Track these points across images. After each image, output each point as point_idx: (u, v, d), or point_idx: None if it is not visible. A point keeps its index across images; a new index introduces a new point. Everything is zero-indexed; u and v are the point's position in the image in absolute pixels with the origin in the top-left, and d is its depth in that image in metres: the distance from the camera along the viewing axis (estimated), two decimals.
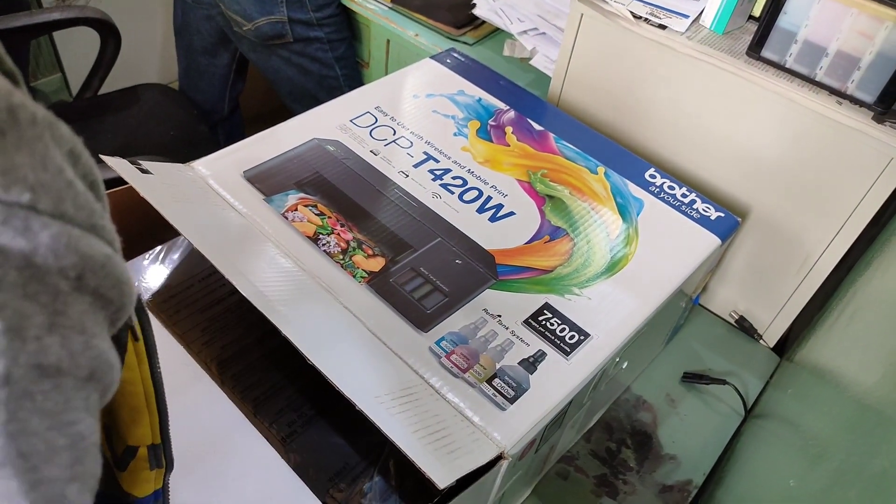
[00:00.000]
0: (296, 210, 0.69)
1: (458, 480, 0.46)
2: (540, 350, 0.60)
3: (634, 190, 0.78)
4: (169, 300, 0.70)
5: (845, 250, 0.79)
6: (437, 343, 0.59)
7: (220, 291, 0.72)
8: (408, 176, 0.76)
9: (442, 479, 0.45)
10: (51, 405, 0.24)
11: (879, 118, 0.71)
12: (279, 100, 1.37)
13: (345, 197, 0.72)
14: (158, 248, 0.73)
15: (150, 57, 1.76)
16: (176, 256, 0.74)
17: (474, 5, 1.15)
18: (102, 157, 0.63)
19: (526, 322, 0.62)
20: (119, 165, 0.62)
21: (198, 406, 0.59)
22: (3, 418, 0.22)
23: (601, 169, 0.80)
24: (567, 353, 0.60)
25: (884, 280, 0.66)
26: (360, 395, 0.49)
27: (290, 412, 0.63)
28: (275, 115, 0.89)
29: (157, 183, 0.63)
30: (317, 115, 0.83)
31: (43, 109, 0.25)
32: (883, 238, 0.77)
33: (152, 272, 0.73)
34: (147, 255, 0.73)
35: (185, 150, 1.24)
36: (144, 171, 0.64)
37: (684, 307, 0.85)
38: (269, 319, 0.52)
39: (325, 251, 0.65)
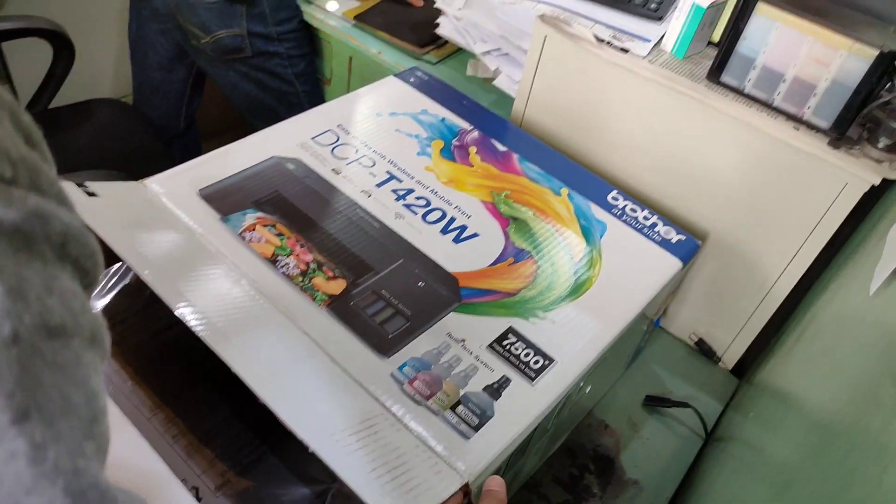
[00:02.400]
0: (253, 230, 0.67)
1: None
2: (504, 376, 0.59)
3: (597, 212, 0.78)
4: (112, 328, 0.67)
5: (802, 273, 0.80)
6: (400, 369, 0.57)
7: (166, 320, 0.69)
8: (370, 196, 0.75)
9: None
10: (62, 360, 0.24)
11: (835, 143, 0.72)
12: (236, 116, 1.35)
13: (305, 217, 0.70)
14: (111, 270, 0.70)
15: (102, 71, 1.70)
16: (124, 283, 0.70)
17: (438, 24, 1.15)
18: None
19: (490, 346, 0.61)
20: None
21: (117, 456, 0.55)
22: (17, 373, 0.23)
23: (564, 190, 0.80)
24: (532, 379, 0.59)
25: (843, 304, 0.67)
26: (314, 432, 0.47)
27: (239, 448, 0.60)
28: (232, 132, 0.86)
29: (103, 206, 0.61)
30: (277, 132, 0.81)
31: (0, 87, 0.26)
32: (839, 261, 0.78)
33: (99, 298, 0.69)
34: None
35: (139, 167, 1.20)
36: (91, 195, 0.61)
37: (646, 329, 0.85)
38: (215, 351, 0.49)
39: (283, 273, 0.63)
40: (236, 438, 0.60)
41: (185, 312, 0.53)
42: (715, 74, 0.77)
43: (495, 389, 0.57)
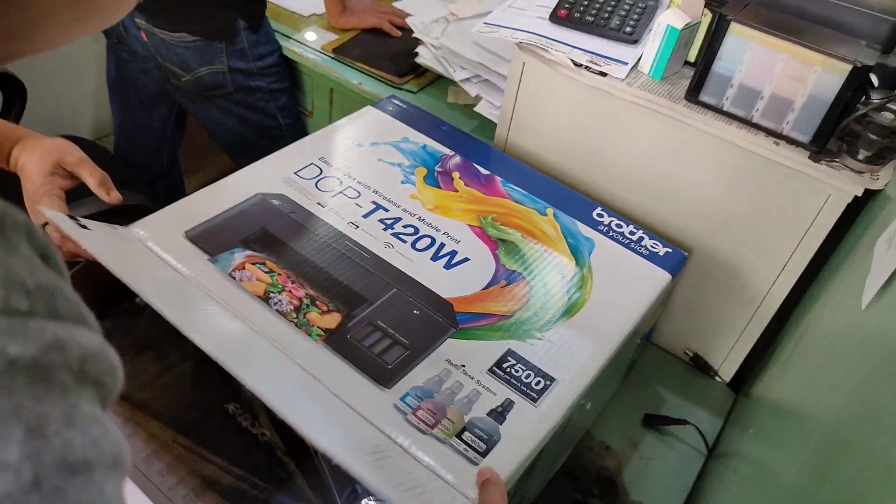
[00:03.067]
0: (243, 269, 0.66)
1: None
2: (507, 399, 0.58)
3: (584, 230, 0.79)
4: None
5: (792, 284, 0.81)
6: (402, 399, 0.56)
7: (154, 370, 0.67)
8: (358, 227, 0.75)
9: None
10: (85, 498, 0.23)
11: (815, 157, 0.73)
12: (218, 151, 1.34)
13: (294, 252, 0.70)
14: None
15: (81, 113, 1.70)
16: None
17: (417, 54, 1.16)
18: (41, 208, 0.60)
19: (491, 370, 0.61)
20: (60, 220, 0.59)
21: None
22: None
23: (550, 210, 0.81)
24: (535, 400, 0.59)
25: (835, 316, 0.68)
26: (336, 448, 0.46)
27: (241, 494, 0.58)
28: (214, 167, 0.86)
29: (100, 239, 0.60)
30: (260, 169, 0.81)
31: (13, 208, 0.25)
32: (828, 271, 0.79)
33: None
34: None
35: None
36: (83, 227, 0.60)
37: (639, 343, 0.85)
38: (234, 374, 0.49)
39: (277, 310, 0.62)
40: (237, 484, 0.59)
41: (196, 339, 0.52)
42: (693, 94, 0.79)
43: (500, 413, 0.57)
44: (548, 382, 0.61)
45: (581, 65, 0.83)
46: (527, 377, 0.61)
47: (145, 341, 0.67)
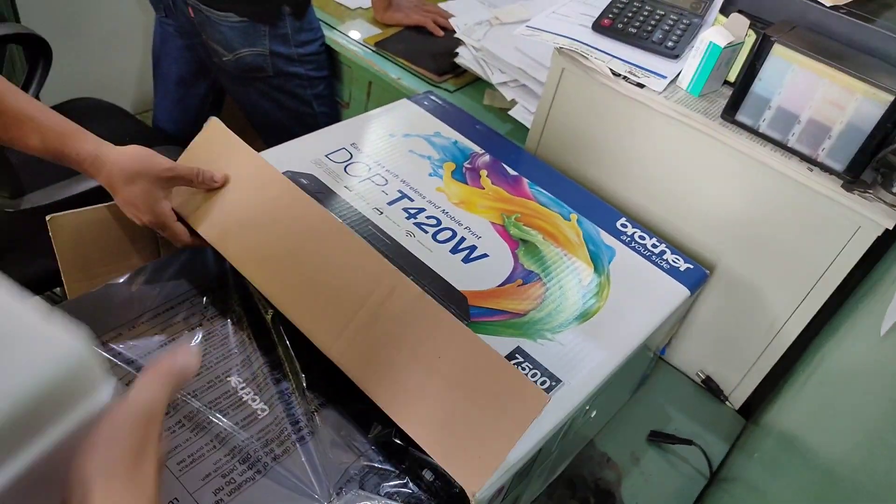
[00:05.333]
0: None
1: None
2: None
3: (606, 238, 0.78)
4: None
5: (812, 314, 0.80)
6: None
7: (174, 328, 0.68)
8: (382, 213, 0.75)
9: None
10: None
11: (848, 186, 0.72)
12: (252, 135, 1.36)
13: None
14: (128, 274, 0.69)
15: (125, 84, 1.73)
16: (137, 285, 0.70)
17: (457, 54, 1.17)
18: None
19: None
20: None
21: None
22: None
23: (574, 216, 0.80)
24: None
25: (853, 348, 0.66)
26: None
27: (217, 477, 0.57)
28: None
29: None
30: (291, 148, 0.82)
31: None
32: (849, 306, 0.78)
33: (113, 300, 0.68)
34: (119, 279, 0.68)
35: None
36: None
37: (652, 357, 0.84)
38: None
39: None
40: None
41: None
42: (730, 113, 0.78)
43: None
44: (553, 383, 0.60)
45: (619, 74, 0.83)
46: (533, 376, 0.60)
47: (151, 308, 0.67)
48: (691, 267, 0.77)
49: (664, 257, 0.77)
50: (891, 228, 0.70)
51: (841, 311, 0.80)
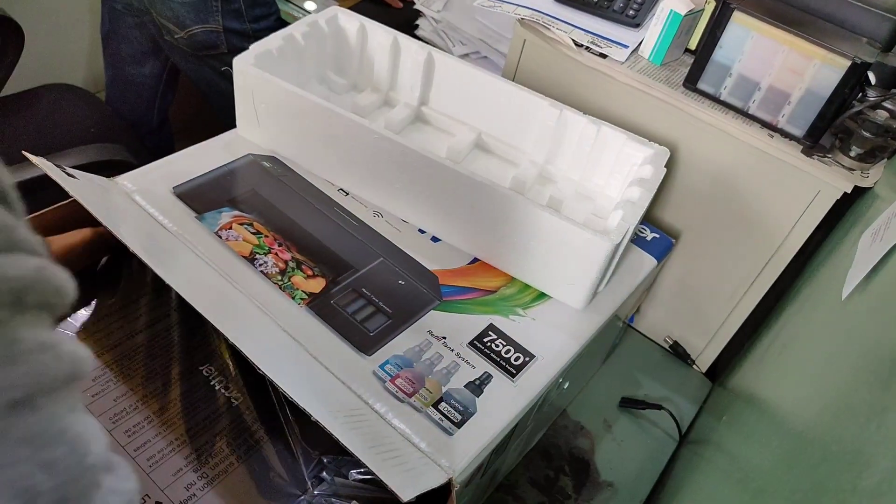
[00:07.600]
0: (230, 228, 0.66)
1: None
2: (486, 372, 0.59)
3: None
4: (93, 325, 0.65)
5: (775, 279, 0.82)
6: (381, 367, 0.56)
7: (144, 319, 0.67)
8: (348, 194, 0.74)
9: (405, 492, 0.43)
10: (34, 428, 0.23)
11: (808, 151, 0.74)
12: (210, 113, 1.32)
13: (282, 215, 0.69)
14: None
15: (77, 63, 1.66)
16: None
17: (417, 26, 1.15)
18: (26, 154, 0.58)
19: (471, 344, 0.61)
20: (47, 167, 0.58)
21: None
22: None
23: None
24: (513, 375, 0.59)
25: (815, 310, 0.68)
26: (315, 408, 0.46)
27: (189, 472, 0.56)
28: (206, 130, 0.85)
29: (86, 188, 0.59)
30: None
31: None
32: (812, 268, 0.80)
33: None
34: None
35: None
36: (70, 175, 0.59)
37: (621, 326, 0.86)
38: (219, 328, 0.48)
39: (262, 271, 0.62)
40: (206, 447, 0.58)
41: (183, 292, 0.52)
42: (691, 81, 0.79)
43: (477, 386, 0.57)
44: (527, 359, 0.61)
45: (582, 45, 0.83)
46: (507, 352, 0.61)
47: (123, 299, 0.66)
48: (657, 236, 0.78)
49: None
50: (849, 192, 0.72)
51: (803, 275, 0.82)
